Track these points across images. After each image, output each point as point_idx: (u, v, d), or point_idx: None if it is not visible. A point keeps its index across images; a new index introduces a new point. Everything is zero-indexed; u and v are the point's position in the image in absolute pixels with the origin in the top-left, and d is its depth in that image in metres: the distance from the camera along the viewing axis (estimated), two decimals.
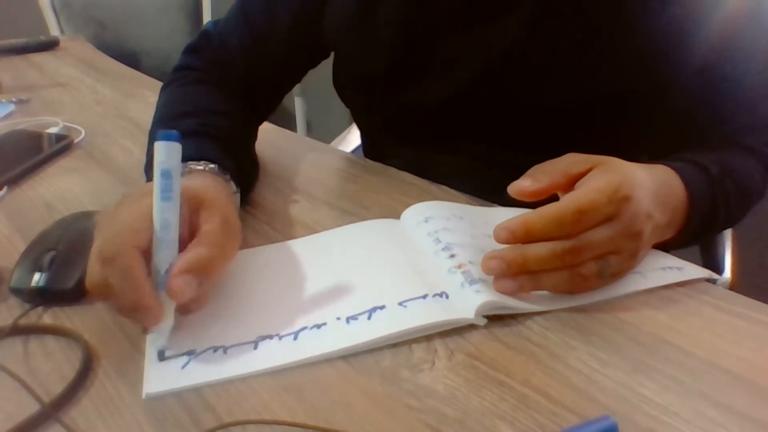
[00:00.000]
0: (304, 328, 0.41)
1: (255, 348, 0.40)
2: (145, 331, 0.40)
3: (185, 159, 0.49)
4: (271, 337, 0.40)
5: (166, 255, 0.39)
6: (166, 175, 0.38)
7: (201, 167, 0.50)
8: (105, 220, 0.41)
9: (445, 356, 0.39)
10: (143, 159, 0.59)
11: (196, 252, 0.39)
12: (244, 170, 0.57)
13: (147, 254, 0.39)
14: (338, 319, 0.42)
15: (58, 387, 0.37)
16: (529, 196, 0.45)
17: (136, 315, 0.38)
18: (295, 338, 0.40)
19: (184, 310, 0.40)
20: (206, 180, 0.48)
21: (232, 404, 0.36)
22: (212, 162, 0.51)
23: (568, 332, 0.41)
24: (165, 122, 0.60)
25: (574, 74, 0.57)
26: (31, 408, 0.35)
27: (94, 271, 0.38)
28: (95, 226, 0.41)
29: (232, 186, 0.52)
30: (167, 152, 0.38)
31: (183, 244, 0.40)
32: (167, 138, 0.38)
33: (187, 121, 0.57)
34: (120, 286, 0.37)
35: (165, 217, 0.38)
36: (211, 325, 0.42)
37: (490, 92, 0.61)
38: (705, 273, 0.46)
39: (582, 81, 0.57)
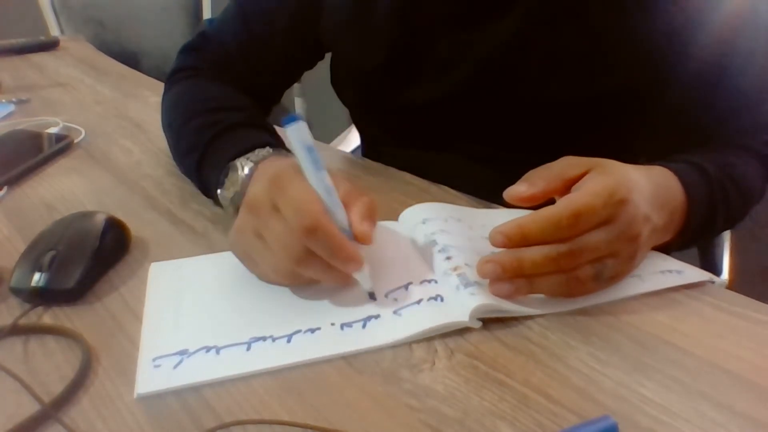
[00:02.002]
0: (298, 331, 0.41)
1: (248, 349, 0.40)
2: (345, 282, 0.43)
3: (251, 148, 0.53)
4: (264, 338, 0.40)
5: (340, 214, 0.43)
6: (311, 149, 0.42)
7: (272, 150, 0.53)
8: (267, 208, 0.42)
9: (445, 356, 0.39)
10: (144, 158, 0.59)
11: (361, 202, 0.44)
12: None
13: None
14: (332, 324, 0.42)
15: (58, 387, 0.37)
16: (526, 201, 0.45)
17: (345, 268, 0.42)
18: (289, 341, 0.40)
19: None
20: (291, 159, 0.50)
21: (232, 404, 0.36)
22: (272, 147, 0.54)
23: (568, 332, 0.41)
24: (205, 116, 0.61)
25: (571, 74, 0.57)
26: (31, 408, 0.35)
27: (295, 247, 0.41)
28: (251, 211, 0.43)
29: None
30: (301, 131, 0.42)
31: None
32: (293, 120, 0.42)
33: (233, 114, 0.60)
34: (326, 248, 0.40)
35: (326, 184, 0.42)
36: (205, 325, 0.42)
37: (487, 92, 0.61)
38: (705, 276, 0.46)
39: (579, 81, 0.57)
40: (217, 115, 0.60)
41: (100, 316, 0.44)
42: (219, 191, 0.54)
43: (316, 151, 0.42)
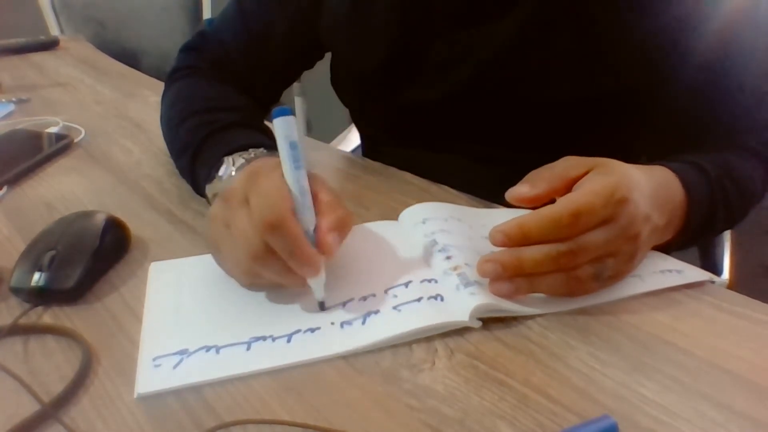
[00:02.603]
0: (298, 331, 0.41)
1: (248, 349, 0.40)
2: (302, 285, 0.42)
3: (246, 147, 0.53)
4: (264, 338, 0.40)
5: (309, 217, 0.42)
6: (294, 146, 0.42)
7: (264, 151, 0.53)
8: (238, 200, 0.42)
9: (445, 356, 0.39)
10: (144, 158, 0.59)
11: (334, 213, 0.43)
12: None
13: None
14: (332, 323, 0.42)
15: (58, 387, 0.37)
16: (528, 201, 0.45)
17: (300, 271, 0.41)
18: (289, 341, 0.40)
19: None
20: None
21: (232, 404, 0.36)
22: (266, 147, 0.54)
23: (568, 332, 0.41)
24: (201, 116, 0.61)
25: (571, 74, 0.57)
26: (31, 408, 0.35)
27: (253, 242, 0.40)
28: (224, 205, 0.43)
29: None
30: (288, 126, 0.42)
31: None
32: (282, 114, 0.42)
33: (229, 114, 0.60)
34: (286, 247, 0.40)
35: (301, 184, 0.42)
36: (205, 325, 0.42)
37: (487, 92, 0.61)
38: (705, 276, 0.46)
39: (579, 81, 0.57)
40: (213, 114, 0.60)
41: (100, 316, 0.44)
42: (207, 186, 0.54)
43: (299, 149, 0.42)
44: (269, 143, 0.55)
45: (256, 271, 0.42)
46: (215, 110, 0.61)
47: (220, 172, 0.52)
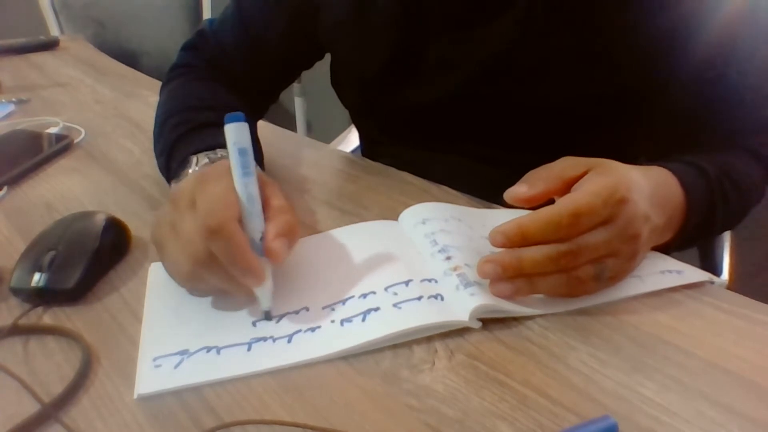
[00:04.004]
0: (299, 331, 0.41)
1: (249, 349, 0.40)
2: (248, 294, 0.42)
3: (214, 148, 0.53)
4: (264, 339, 0.40)
5: (257, 224, 0.42)
6: (243, 152, 0.41)
7: None
8: (185, 202, 0.42)
9: (445, 356, 0.39)
10: (144, 158, 0.59)
11: (282, 219, 0.42)
12: (260, 160, 0.60)
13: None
14: (332, 321, 0.42)
15: (58, 387, 0.37)
16: (526, 202, 0.45)
17: (242, 279, 0.40)
18: (289, 341, 0.40)
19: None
20: None
21: (232, 404, 0.36)
22: None
23: (568, 332, 0.41)
24: (179, 115, 0.61)
25: (570, 74, 0.57)
26: (31, 408, 0.35)
27: (194, 247, 0.40)
28: (173, 209, 0.43)
29: (259, 169, 0.54)
30: (239, 132, 0.41)
31: None
32: (235, 119, 0.41)
33: (206, 114, 0.59)
34: (227, 254, 0.39)
35: (249, 190, 0.42)
36: (205, 325, 0.42)
37: (485, 92, 0.61)
38: (705, 276, 0.46)
39: (578, 81, 0.57)
40: (194, 113, 0.60)
41: (100, 316, 0.44)
42: (172, 184, 0.54)
43: (249, 155, 0.42)
44: None
45: (199, 276, 0.41)
46: (197, 109, 0.61)
47: (185, 172, 0.52)
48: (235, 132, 0.41)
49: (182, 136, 0.57)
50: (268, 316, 0.42)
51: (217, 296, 0.45)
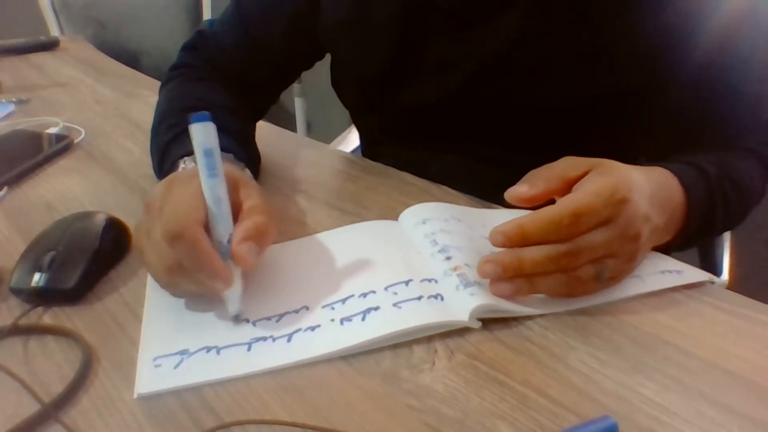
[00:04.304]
0: (298, 330, 0.41)
1: (248, 349, 0.40)
2: (218, 297, 0.42)
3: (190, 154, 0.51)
4: (264, 339, 0.40)
5: (224, 227, 0.41)
6: (209, 153, 0.40)
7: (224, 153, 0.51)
8: (156, 208, 0.42)
9: (445, 356, 0.39)
10: (144, 158, 0.59)
11: (251, 221, 0.42)
12: (252, 161, 0.60)
13: (205, 230, 0.41)
14: (332, 320, 0.42)
15: (58, 387, 0.37)
16: (526, 201, 0.45)
17: (209, 284, 0.40)
18: (289, 340, 0.40)
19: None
20: (230, 165, 0.49)
21: (232, 404, 0.36)
22: (227, 151, 0.53)
23: (568, 332, 0.41)
24: (174, 115, 0.61)
25: (570, 74, 0.57)
26: (31, 408, 0.35)
27: (162, 253, 0.40)
28: (147, 215, 0.43)
29: (248, 173, 0.54)
30: (205, 133, 0.40)
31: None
32: (201, 119, 0.40)
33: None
34: (191, 259, 0.39)
35: (216, 192, 0.41)
36: (205, 325, 0.42)
37: (486, 92, 0.61)
38: (705, 276, 0.46)
39: (578, 81, 0.57)
40: (185, 115, 0.60)
41: (100, 316, 0.44)
42: None
43: (215, 156, 0.41)
44: (232, 147, 0.54)
45: (173, 282, 0.41)
46: (192, 109, 0.60)
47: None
48: (201, 132, 0.40)
49: (175, 138, 0.57)
50: (236, 320, 0.42)
51: (214, 298, 0.45)
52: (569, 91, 0.58)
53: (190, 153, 0.52)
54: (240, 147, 0.56)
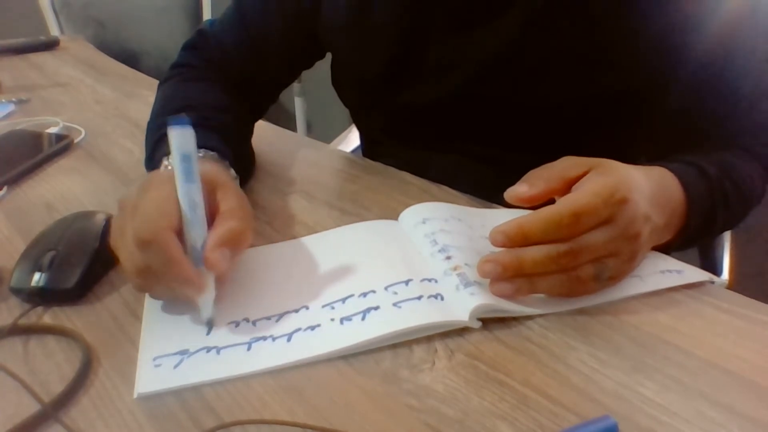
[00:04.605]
0: (298, 329, 0.41)
1: (248, 349, 0.40)
2: (192, 303, 0.42)
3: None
4: (264, 338, 0.40)
5: (198, 233, 0.41)
6: (186, 158, 0.40)
7: (201, 154, 0.51)
8: (129, 209, 0.42)
9: (445, 356, 0.39)
10: (143, 159, 0.59)
11: (225, 226, 0.42)
12: (241, 160, 0.59)
13: (179, 235, 0.40)
14: (332, 320, 0.42)
15: (58, 387, 0.37)
16: (526, 201, 0.45)
17: (180, 289, 0.40)
18: (289, 340, 0.40)
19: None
20: (213, 166, 0.49)
21: (232, 404, 0.36)
22: (212, 150, 0.53)
23: (568, 332, 0.41)
24: (165, 116, 0.61)
25: (570, 75, 0.57)
26: (31, 408, 0.35)
27: (133, 257, 0.40)
28: (120, 216, 0.43)
29: (232, 172, 0.54)
30: (182, 137, 0.40)
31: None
32: (180, 123, 0.40)
33: (190, 115, 0.58)
34: (161, 265, 0.39)
35: (191, 198, 0.41)
36: (205, 325, 0.42)
37: (486, 93, 0.61)
38: (705, 276, 0.46)
39: (578, 81, 0.57)
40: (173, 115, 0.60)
41: (100, 316, 0.44)
42: None
43: (192, 161, 0.40)
44: (220, 147, 0.54)
45: (144, 286, 0.42)
46: (184, 109, 0.60)
47: None
48: (178, 137, 0.40)
49: (163, 137, 0.57)
50: (209, 326, 0.41)
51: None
52: (569, 91, 0.58)
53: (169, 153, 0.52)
54: (228, 147, 0.56)
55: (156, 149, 0.56)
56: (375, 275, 0.46)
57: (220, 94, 0.66)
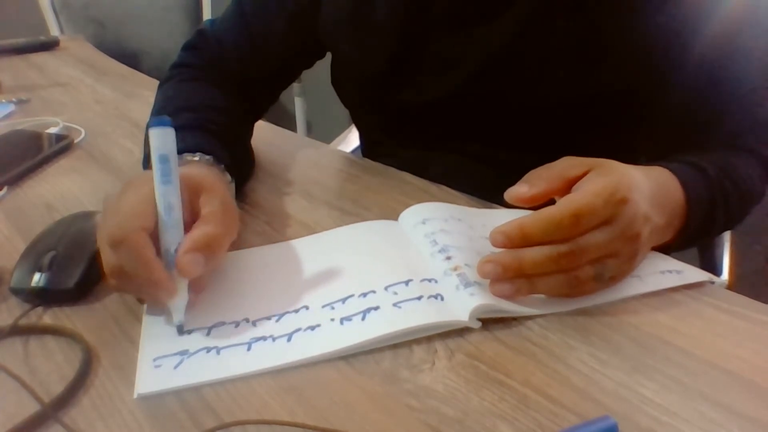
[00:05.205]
0: (298, 329, 0.41)
1: (248, 349, 0.40)
2: (162, 307, 0.42)
3: (181, 151, 0.51)
4: (264, 338, 0.40)
5: (173, 236, 0.41)
6: (164, 159, 0.40)
7: (197, 158, 0.51)
8: (109, 209, 0.42)
9: (445, 356, 0.39)
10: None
11: (201, 231, 0.41)
12: (238, 163, 0.58)
13: (154, 237, 0.40)
14: (332, 320, 0.42)
15: (58, 387, 0.37)
16: (527, 201, 0.45)
17: (151, 292, 0.40)
18: (289, 340, 0.40)
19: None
20: (203, 169, 0.49)
21: (232, 404, 0.36)
22: (207, 153, 0.52)
23: (568, 332, 0.41)
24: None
25: (570, 74, 0.57)
26: (31, 408, 0.35)
27: (107, 256, 0.40)
28: (102, 215, 0.43)
29: (227, 176, 0.54)
30: (162, 138, 0.40)
31: (185, 228, 0.42)
32: (160, 124, 0.40)
33: (185, 115, 0.58)
34: (131, 266, 0.39)
35: (167, 200, 0.40)
36: (205, 325, 0.42)
37: (486, 91, 0.61)
38: (705, 276, 0.46)
39: (578, 80, 0.57)
40: (175, 116, 0.59)
41: (100, 316, 0.44)
42: None
43: (171, 162, 0.40)
44: (213, 148, 0.54)
45: (117, 286, 0.42)
46: (181, 110, 0.60)
47: None
48: (158, 137, 0.40)
49: None
50: (180, 330, 0.41)
51: (215, 296, 0.45)
52: (569, 90, 0.58)
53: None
54: (225, 150, 0.55)
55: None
56: (375, 275, 0.46)
57: (219, 95, 0.66)
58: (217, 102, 0.64)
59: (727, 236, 0.93)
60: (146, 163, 0.57)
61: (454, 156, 0.67)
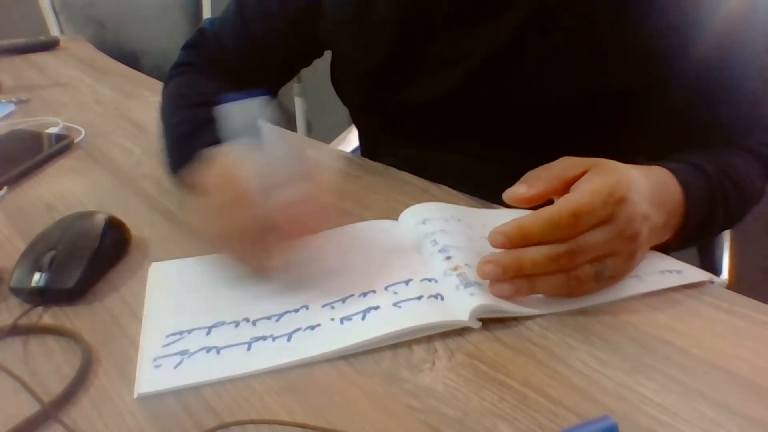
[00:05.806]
0: (298, 329, 0.41)
1: (248, 349, 0.40)
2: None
3: (214, 143, 0.51)
4: (264, 338, 0.40)
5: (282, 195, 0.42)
6: (264, 126, 0.44)
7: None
8: (212, 183, 0.44)
9: (445, 356, 0.39)
10: (144, 158, 0.59)
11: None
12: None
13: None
14: (332, 320, 0.42)
15: (58, 387, 0.37)
16: (525, 202, 0.45)
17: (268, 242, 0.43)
18: (289, 340, 0.40)
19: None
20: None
21: (232, 404, 0.36)
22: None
23: (568, 332, 0.41)
24: (181, 111, 0.61)
25: (571, 73, 0.57)
26: (31, 408, 0.35)
27: (228, 219, 0.43)
28: (201, 187, 0.45)
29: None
30: (260, 107, 0.44)
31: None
32: (257, 94, 0.44)
33: (205, 109, 0.58)
34: (245, 220, 0.42)
35: (274, 160, 0.43)
36: (205, 325, 0.42)
37: (486, 91, 0.61)
38: (705, 276, 0.46)
39: (578, 80, 0.57)
40: (197, 110, 0.60)
41: (100, 316, 0.44)
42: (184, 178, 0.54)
43: (271, 128, 0.44)
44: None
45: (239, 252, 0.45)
46: (202, 105, 0.60)
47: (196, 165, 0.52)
48: (255, 107, 0.44)
49: (197, 129, 0.57)
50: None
51: (215, 296, 0.45)
52: (569, 90, 0.58)
53: (215, 142, 0.51)
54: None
55: (191, 142, 0.56)
56: (375, 275, 0.46)
57: (224, 92, 0.66)
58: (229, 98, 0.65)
59: (727, 236, 0.93)
60: (179, 164, 0.57)
61: (454, 156, 0.67)
